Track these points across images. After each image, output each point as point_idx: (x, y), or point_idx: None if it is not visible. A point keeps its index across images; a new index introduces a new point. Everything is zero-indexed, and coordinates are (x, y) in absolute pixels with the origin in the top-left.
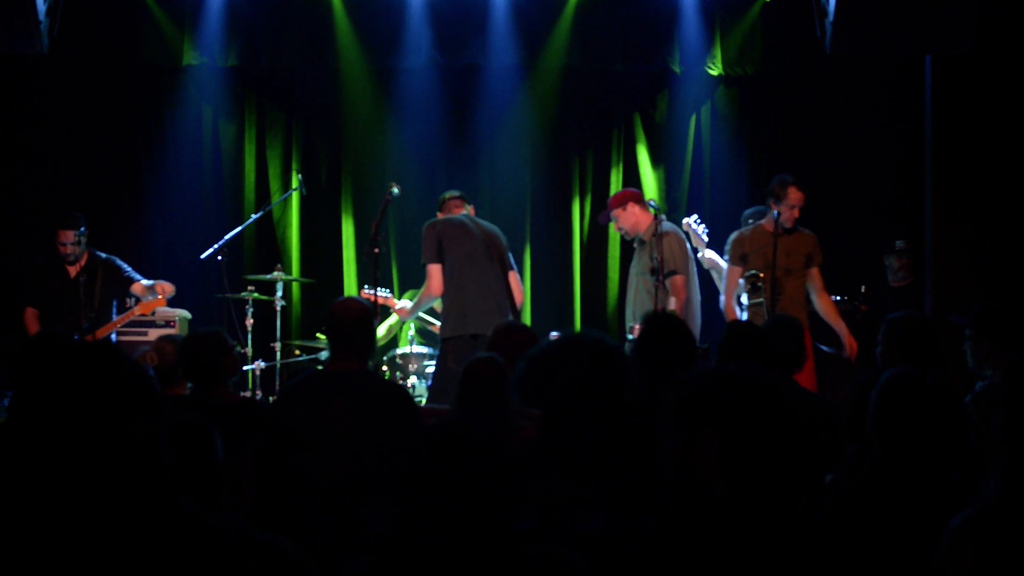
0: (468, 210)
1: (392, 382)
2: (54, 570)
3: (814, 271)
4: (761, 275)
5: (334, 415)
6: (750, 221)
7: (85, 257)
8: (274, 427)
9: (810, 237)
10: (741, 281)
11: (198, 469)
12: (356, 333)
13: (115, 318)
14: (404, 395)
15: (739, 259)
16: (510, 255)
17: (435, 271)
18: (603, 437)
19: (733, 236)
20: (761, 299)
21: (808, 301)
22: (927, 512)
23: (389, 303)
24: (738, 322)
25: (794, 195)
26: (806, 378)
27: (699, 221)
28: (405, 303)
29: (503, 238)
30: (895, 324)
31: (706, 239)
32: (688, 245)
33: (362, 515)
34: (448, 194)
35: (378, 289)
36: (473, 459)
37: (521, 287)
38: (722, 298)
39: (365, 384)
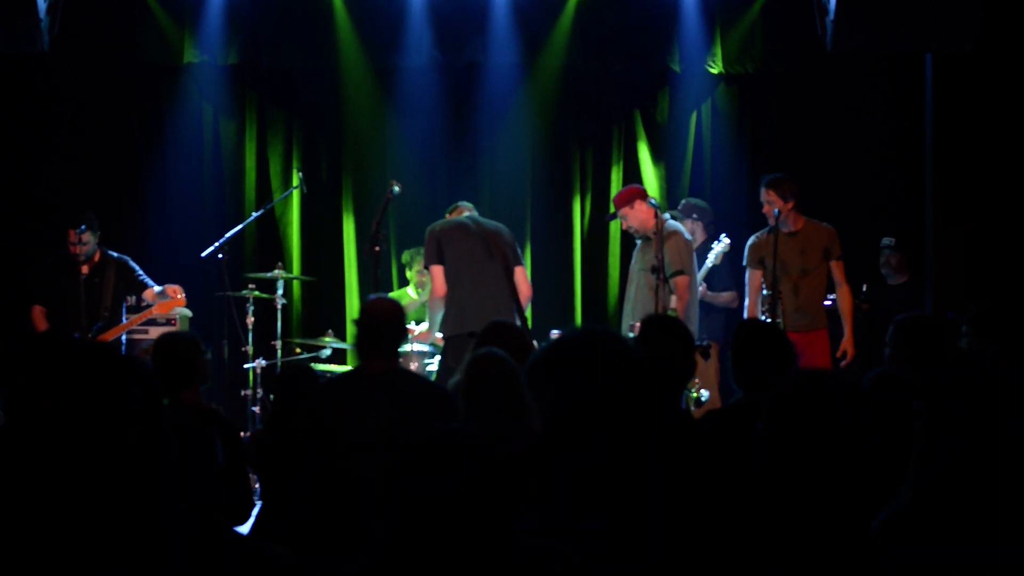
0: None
1: (428, 380)
2: (56, 573)
3: (834, 265)
4: (780, 296)
5: (375, 415)
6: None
7: (97, 256)
8: (312, 428)
9: (827, 231)
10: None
11: (198, 472)
12: (387, 332)
13: (124, 318)
14: (440, 392)
15: (757, 263)
16: (518, 249)
17: (437, 273)
18: (610, 437)
19: (750, 241)
20: (779, 320)
21: (831, 300)
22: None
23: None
24: (752, 321)
25: (760, 194)
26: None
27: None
28: (423, 326)
29: (507, 234)
30: (902, 326)
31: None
32: (693, 245)
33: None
34: (454, 205)
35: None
36: (470, 470)
37: (528, 283)
38: (746, 302)
39: (402, 383)
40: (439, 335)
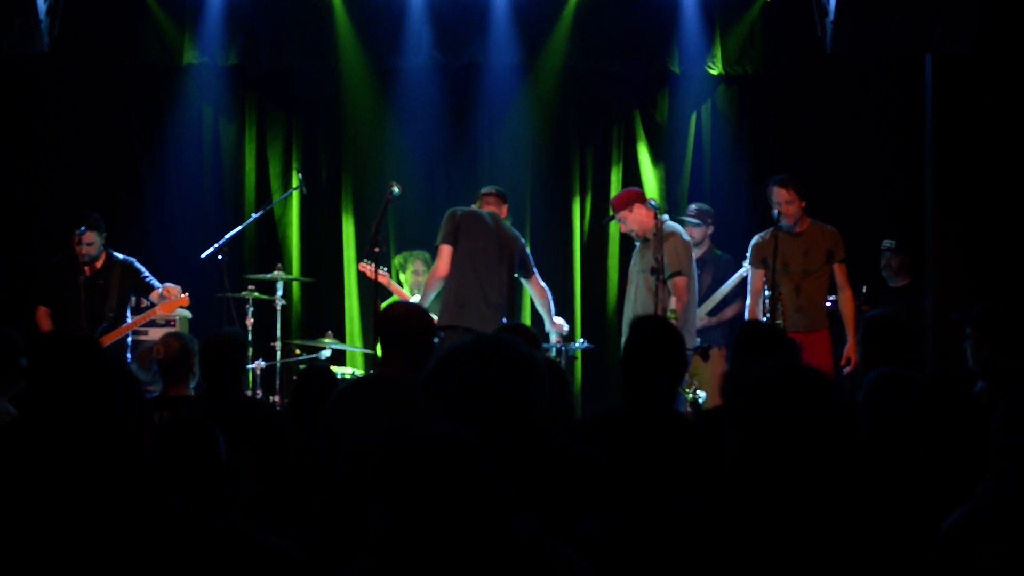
0: (501, 211)
1: None
2: (44, 566)
3: (837, 268)
4: (781, 296)
5: (375, 422)
6: (692, 217)
7: (102, 258)
8: (325, 432)
9: (831, 233)
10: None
11: (202, 468)
12: (400, 336)
13: (129, 319)
14: None
15: (760, 263)
16: (531, 258)
17: (445, 252)
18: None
19: (754, 240)
20: (779, 321)
21: (832, 301)
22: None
23: (389, 284)
24: (753, 322)
25: (776, 194)
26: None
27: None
28: (415, 298)
29: (521, 243)
30: (871, 324)
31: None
32: (692, 246)
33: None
34: (485, 189)
35: (380, 268)
36: (461, 468)
37: (543, 287)
38: (748, 301)
39: (402, 392)
40: (434, 318)
